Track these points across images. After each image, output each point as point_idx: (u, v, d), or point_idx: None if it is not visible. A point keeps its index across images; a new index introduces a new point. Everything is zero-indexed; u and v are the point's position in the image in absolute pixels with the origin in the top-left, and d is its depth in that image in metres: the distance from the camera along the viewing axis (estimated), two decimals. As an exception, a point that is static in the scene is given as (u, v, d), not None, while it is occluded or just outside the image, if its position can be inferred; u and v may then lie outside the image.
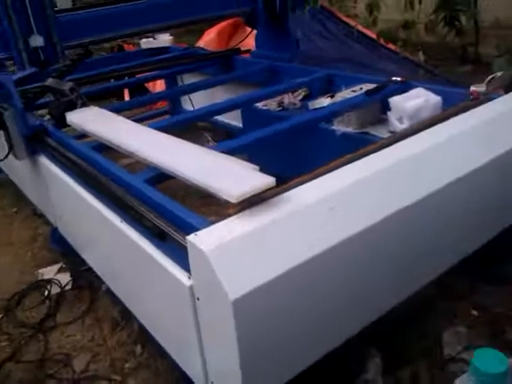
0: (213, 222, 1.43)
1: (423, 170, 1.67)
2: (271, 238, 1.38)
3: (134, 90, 5.16)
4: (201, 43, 5.41)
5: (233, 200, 1.40)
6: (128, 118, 4.09)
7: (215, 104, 3.06)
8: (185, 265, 1.45)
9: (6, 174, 3.65)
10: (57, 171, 2.31)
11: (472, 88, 2.09)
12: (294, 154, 2.75)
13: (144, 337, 2.20)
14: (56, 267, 2.85)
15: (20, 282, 2.79)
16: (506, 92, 3.29)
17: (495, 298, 2.11)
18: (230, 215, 1.44)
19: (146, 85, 5.09)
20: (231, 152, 2.45)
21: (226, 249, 1.32)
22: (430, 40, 6.03)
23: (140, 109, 4.49)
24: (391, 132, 2.29)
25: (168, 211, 1.57)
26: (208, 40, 5.38)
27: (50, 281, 2.72)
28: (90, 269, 2.55)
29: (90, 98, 4.78)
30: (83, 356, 2.26)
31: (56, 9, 2.51)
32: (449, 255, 1.85)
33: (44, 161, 2.48)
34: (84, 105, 2.54)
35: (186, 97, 4.23)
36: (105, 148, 2.13)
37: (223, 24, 5.27)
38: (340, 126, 2.48)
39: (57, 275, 2.78)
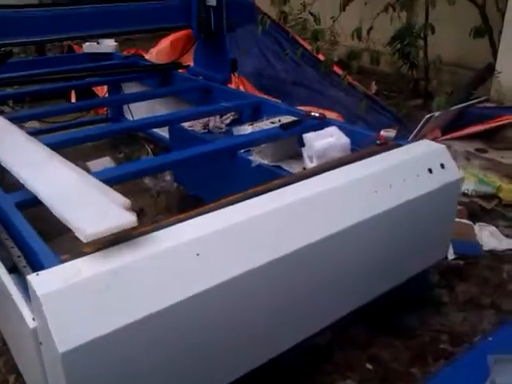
0: (64, 261, 1.31)
1: (310, 215, 1.59)
2: (124, 283, 1.27)
3: (81, 93, 5.06)
4: (153, 51, 5.31)
5: (84, 240, 1.28)
6: (71, 120, 4.11)
7: (145, 118, 3.01)
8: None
9: None
10: None
11: (382, 132, 2.05)
12: (214, 177, 2.67)
13: (20, 367, 2.05)
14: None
15: None
16: (443, 133, 3.29)
17: (392, 351, 2.04)
18: (84, 254, 1.32)
19: (93, 88, 4.98)
20: (154, 169, 2.41)
21: (64, 294, 1.20)
22: (386, 70, 6.08)
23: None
24: (304, 169, 2.22)
25: (25, 243, 1.44)
26: (161, 48, 5.27)
27: None
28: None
29: (39, 97, 4.73)
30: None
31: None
32: (340, 304, 1.77)
33: None
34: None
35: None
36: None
37: (178, 34, 5.17)
38: (257, 157, 2.40)
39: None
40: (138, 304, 1.27)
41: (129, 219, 1.34)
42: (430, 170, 1.82)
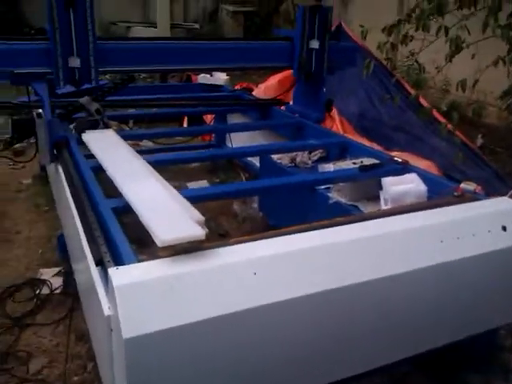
0: (141, 261, 1.51)
1: (373, 254, 1.64)
2: (185, 288, 1.43)
3: (192, 119, 5.53)
4: (262, 86, 5.62)
5: (159, 244, 1.47)
6: (179, 143, 4.51)
7: (241, 147, 3.24)
8: (110, 294, 1.53)
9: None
10: (63, 181, 2.50)
11: (461, 185, 2.04)
12: (293, 209, 2.79)
13: (99, 354, 2.29)
14: (55, 270, 3.03)
15: (22, 275, 3.00)
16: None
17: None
18: (158, 257, 1.51)
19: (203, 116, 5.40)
20: (241, 193, 2.61)
21: (134, 289, 1.38)
22: (496, 123, 5.83)
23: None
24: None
25: (112, 241, 1.67)
26: (269, 85, 5.56)
27: (44, 281, 2.91)
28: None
29: (155, 119, 5.27)
30: (42, 359, 2.38)
31: (101, 36, 2.77)
32: (394, 346, 1.78)
33: (60, 169, 2.70)
34: (106, 126, 2.75)
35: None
36: (102, 168, 2.29)
37: (286, 73, 5.44)
38: (335, 195, 2.49)
39: (52, 278, 2.96)
40: (194, 308, 1.41)
41: (199, 233, 1.51)
42: (504, 228, 1.78)
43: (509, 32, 3.63)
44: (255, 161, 4.00)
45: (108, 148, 2.33)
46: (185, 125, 5.75)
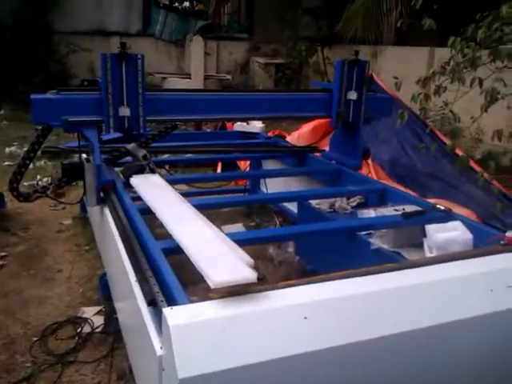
0: (193, 301, 1.55)
1: (418, 303, 1.64)
2: (237, 330, 1.46)
3: (226, 165, 5.68)
4: (295, 133, 5.76)
5: (212, 285, 1.51)
6: (214, 188, 4.62)
7: (279, 192, 3.30)
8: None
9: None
10: (110, 222, 2.60)
11: (507, 233, 2.03)
12: (332, 254, 2.80)
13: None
14: (96, 309, 3.09)
15: (63, 313, 3.07)
16: None
17: None
18: (210, 298, 1.55)
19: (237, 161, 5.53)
20: (277, 238, 2.65)
21: (189, 329, 1.42)
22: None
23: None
24: (422, 258, 2.27)
25: (164, 282, 1.72)
26: (303, 132, 5.69)
27: (85, 320, 2.96)
28: (119, 317, 2.75)
29: (191, 164, 5.43)
30: (83, 398, 2.41)
31: (150, 88, 2.94)
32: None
33: (106, 211, 2.80)
34: (152, 171, 2.87)
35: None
36: (149, 211, 2.37)
37: (320, 121, 5.57)
38: (377, 241, 2.50)
39: (94, 316, 3.01)
40: (245, 351, 1.43)
41: (250, 276, 1.55)
42: (556, 278, 1.76)
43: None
44: (290, 205, 4.06)
45: (156, 192, 2.42)
46: (218, 170, 5.91)
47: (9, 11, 10.23)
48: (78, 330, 2.88)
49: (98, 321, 2.97)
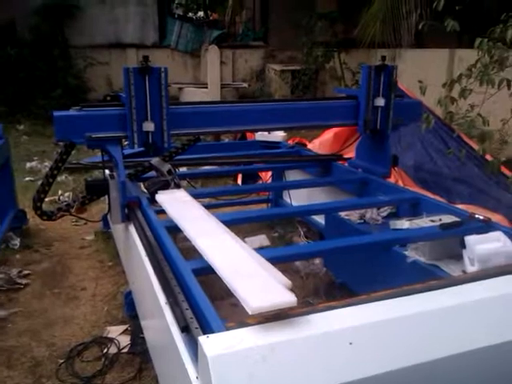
0: (229, 328, 1.47)
1: (469, 323, 1.54)
2: (278, 359, 1.37)
3: (246, 176, 5.61)
4: (316, 141, 5.65)
5: (250, 312, 1.43)
6: (233, 200, 4.54)
7: (307, 205, 3.22)
8: (198, 363, 1.48)
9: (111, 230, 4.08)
10: (136, 240, 2.53)
11: (556, 245, 1.91)
12: (364, 268, 2.71)
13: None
14: (122, 328, 3.03)
15: (88, 333, 3.02)
16: None
17: None
18: (247, 325, 1.46)
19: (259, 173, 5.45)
20: (306, 255, 2.56)
21: (228, 359, 1.33)
22: None
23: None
24: (463, 271, 2.16)
25: (197, 306, 1.64)
26: (324, 140, 5.58)
27: (111, 340, 2.90)
28: (145, 338, 2.68)
29: (212, 176, 5.36)
30: (112, 421, 2.34)
31: (172, 102, 2.87)
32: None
33: (131, 228, 2.74)
34: (178, 186, 2.80)
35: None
36: (176, 228, 2.30)
37: (341, 128, 5.47)
38: (413, 253, 2.39)
39: (119, 336, 2.95)
40: (287, 381, 1.34)
41: (290, 299, 1.46)
42: None
43: None
44: (317, 217, 3.96)
45: (183, 208, 2.35)
46: (239, 181, 5.83)
47: (27, 27, 10.38)
48: (105, 350, 2.82)
49: (124, 340, 2.90)
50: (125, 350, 2.83)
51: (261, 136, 4.68)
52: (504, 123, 3.99)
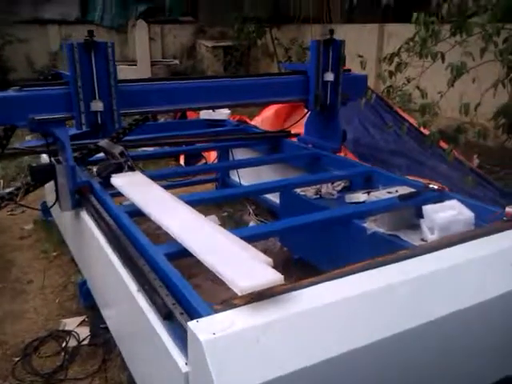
0: (217, 311, 1.44)
1: (440, 290, 1.62)
2: (272, 337, 1.37)
3: (190, 156, 5.49)
4: (258, 118, 5.64)
5: (238, 292, 1.42)
6: (179, 181, 4.44)
7: (256, 184, 3.19)
8: (185, 349, 1.45)
9: (53, 217, 3.87)
10: (92, 228, 2.42)
11: (508, 209, 2.05)
12: (324, 244, 2.76)
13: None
14: (79, 319, 2.90)
15: (42, 327, 2.87)
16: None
17: None
18: (235, 305, 1.45)
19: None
20: (264, 235, 2.56)
21: (223, 342, 1.32)
22: (489, 144, 5.97)
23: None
24: (423, 240, 2.26)
25: (179, 291, 1.60)
26: (265, 117, 5.59)
27: (69, 332, 2.77)
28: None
29: (152, 158, 5.18)
30: (82, 417, 2.26)
31: (120, 79, 2.73)
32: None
33: (84, 215, 2.61)
34: (131, 169, 2.69)
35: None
36: (138, 213, 2.22)
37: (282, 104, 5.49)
38: (372, 225, 2.47)
39: (77, 328, 2.83)
40: (283, 360, 1.34)
41: (277, 277, 1.46)
42: None
43: (508, 56, 3.78)
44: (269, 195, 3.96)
45: (144, 192, 2.27)
46: (181, 161, 5.71)
47: None
48: (63, 344, 2.70)
49: (84, 332, 2.79)
50: (85, 342, 2.72)
51: (206, 114, 4.59)
52: (441, 95, 4.19)
